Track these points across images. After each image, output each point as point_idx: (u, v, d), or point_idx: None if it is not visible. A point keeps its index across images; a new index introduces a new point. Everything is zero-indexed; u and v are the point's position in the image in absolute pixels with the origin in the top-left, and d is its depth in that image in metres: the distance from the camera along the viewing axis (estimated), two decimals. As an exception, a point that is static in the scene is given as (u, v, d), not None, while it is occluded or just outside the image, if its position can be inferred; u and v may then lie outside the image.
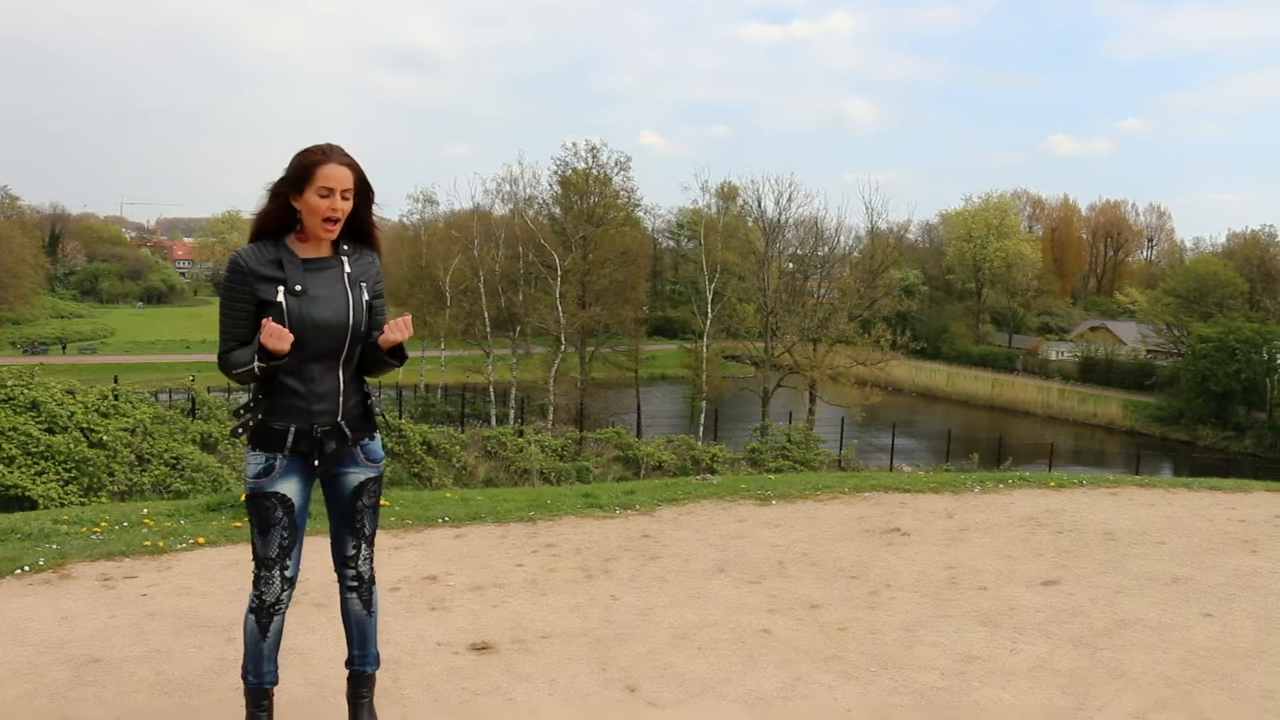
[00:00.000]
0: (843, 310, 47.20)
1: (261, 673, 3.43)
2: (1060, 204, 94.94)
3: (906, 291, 61.64)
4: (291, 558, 3.34)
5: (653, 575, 5.83)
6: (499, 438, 18.58)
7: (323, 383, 3.24)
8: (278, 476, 3.26)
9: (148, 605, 5.05)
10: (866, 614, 5.16)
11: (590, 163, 51.93)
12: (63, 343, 70.55)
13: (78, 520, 6.89)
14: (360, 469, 3.38)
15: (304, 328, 3.16)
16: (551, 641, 4.66)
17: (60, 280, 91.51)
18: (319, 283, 3.20)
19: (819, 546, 6.60)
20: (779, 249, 50.64)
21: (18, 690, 3.95)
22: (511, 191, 53.05)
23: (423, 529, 6.90)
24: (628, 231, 56.12)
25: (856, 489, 8.62)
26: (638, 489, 8.62)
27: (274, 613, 3.37)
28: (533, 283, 50.72)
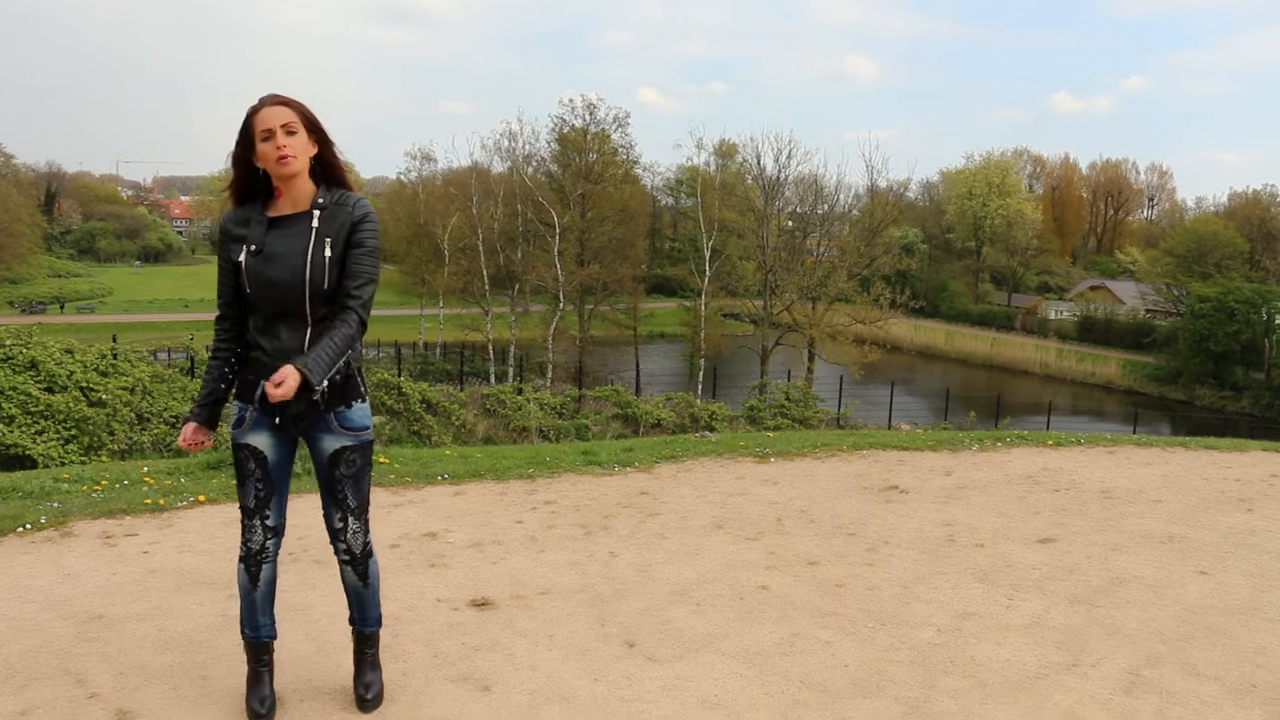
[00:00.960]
0: (842, 268, 47.08)
1: (257, 625, 3.45)
2: (1061, 163, 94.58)
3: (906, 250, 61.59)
4: (271, 508, 3.35)
5: (651, 532, 5.86)
6: (498, 395, 18.57)
7: (287, 340, 3.21)
8: (248, 428, 3.29)
9: (149, 562, 5.09)
10: (864, 571, 5.20)
11: (588, 120, 51.63)
12: (61, 302, 70.42)
13: (78, 478, 6.92)
14: (335, 436, 3.31)
15: (259, 285, 3.17)
16: (551, 597, 4.69)
17: (57, 239, 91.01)
18: (279, 240, 3.18)
19: (817, 504, 6.63)
20: (778, 207, 50.41)
21: (23, 646, 3.99)
22: (510, 148, 52.72)
23: (422, 486, 6.93)
24: (626, 189, 55.87)
25: (855, 447, 8.65)
26: (637, 446, 8.65)
27: (261, 560, 3.38)
28: (531, 240, 50.57)
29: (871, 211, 50.77)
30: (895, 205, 54.28)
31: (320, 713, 3.47)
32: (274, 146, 3.12)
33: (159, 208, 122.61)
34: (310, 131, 3.20)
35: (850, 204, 55.50)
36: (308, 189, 3.24)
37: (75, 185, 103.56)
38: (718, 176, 55.98)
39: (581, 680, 3.79)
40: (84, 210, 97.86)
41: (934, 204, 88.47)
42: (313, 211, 3.23)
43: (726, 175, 57.33)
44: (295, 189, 3.22)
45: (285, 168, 3.14)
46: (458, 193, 50.42)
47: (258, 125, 3.13)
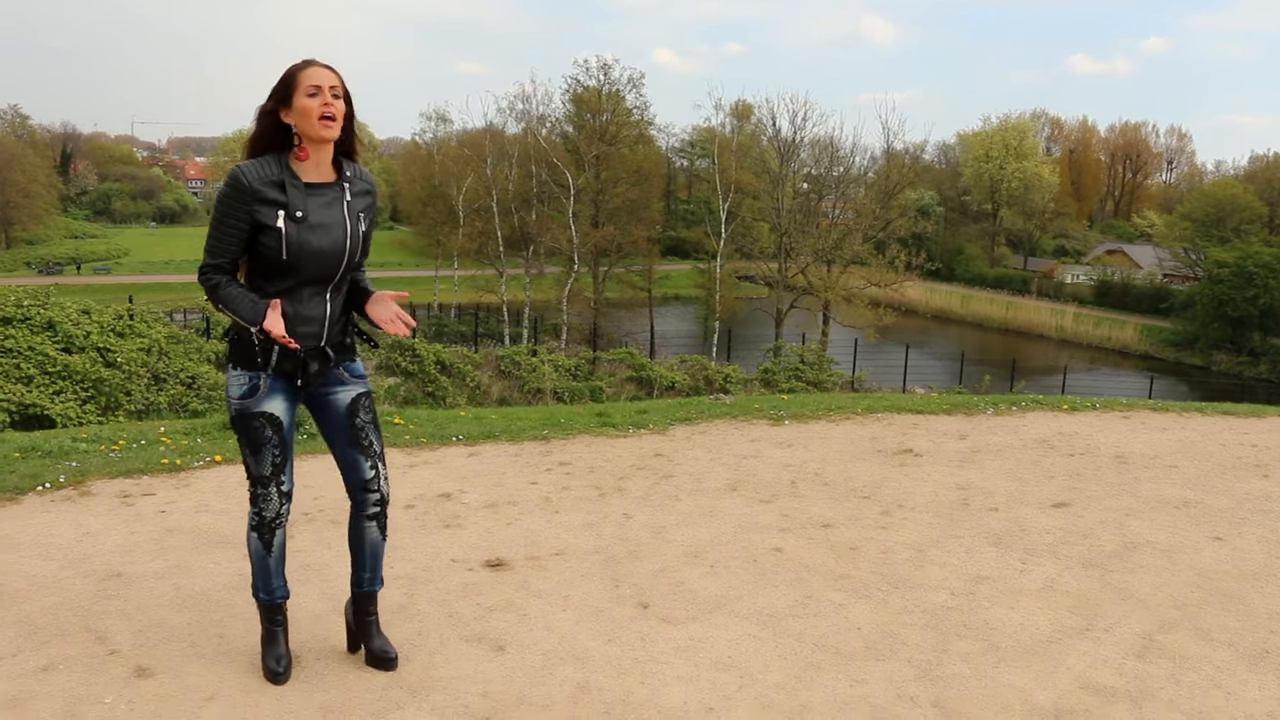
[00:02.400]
0: (857, 231, 46.83)
1: (272, 588, 3.48)
2: (1079, 125, 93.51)
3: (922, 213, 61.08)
4: (285, 473, 3.37)
5: (665, 494, 5.87)
6: (512, 357, 18.60)
7: (311, 307, 3.24)
8: (263, 396, 3.27)
9: (166, 522, 5.12)
10: (878, 534, 5.20)
11: (603, 80, 51.36)
12: (77, 263, 70.65)
13: (96, 438, 6.95)
14: (348, 387, 3.40)
15: (301, 255, 3.15)
16: (565, 558, 4.71)
17: (73, 200, 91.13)
18: (319, 209, 3.18)
19: (831, 466, 6.63)
20: (793, 169, 50.09)
21: (44, 603, 4.02)
22: (524, 110, 52.51)
23: (437, 447, 6.95)
24: (641, 150, 55.58)
25: (869, 410, 8.63)
26: (651, 408, 8.65)
27: (275, 527, 3.40)
28: (546, 202, 50.43)
29: (887, 174, 50.38)
30: (911, 168, 53.85)
31: (337, 671, 3.49)
32: (322, 103, 3.10)
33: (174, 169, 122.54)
34: (347, 103, 3.20)
35: (866, 166, 55.07)
36: (330, 158, 3.24)
37: (91, 146, 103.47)
38: (733, 138, 55.70)
39: (595, 641, 3.81)
40: (100, 171, 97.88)
41: (950, 167, 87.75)
42: (343, 183, 3.25)
43: (742, 137, 57.12)
44: (322, 155, 3.21)
45: (328, 129, 3.12)
46: (472, 154, 50.25)
47: (304, 79, 3.10)
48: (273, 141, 3.19)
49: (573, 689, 3.44)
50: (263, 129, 3.18)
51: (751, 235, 50.50)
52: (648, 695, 3.41)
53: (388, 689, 3.40)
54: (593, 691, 3.43)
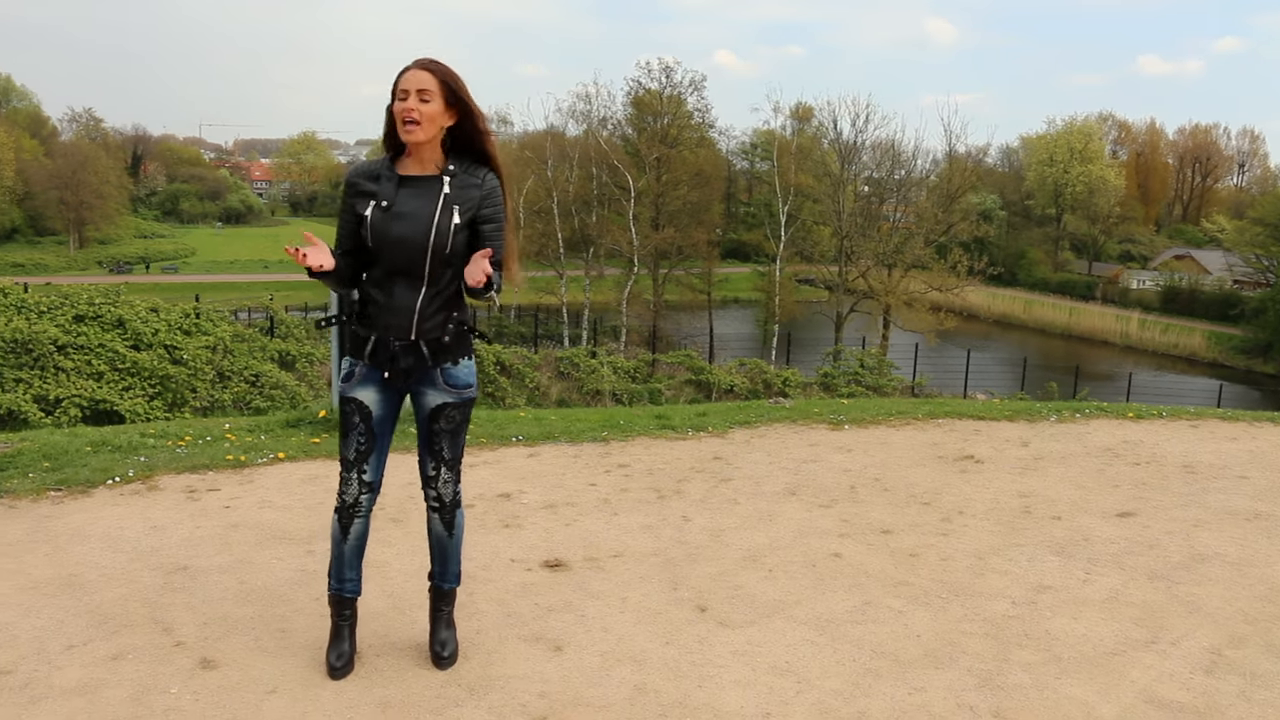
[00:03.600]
0: (919, 235, 46.40)
1: (343, 579, 3.51)
2: (1147, 128, 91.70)
3: (984, 216, 60.38)
4: (370, 464, 3.40)
5: (724, 497, 5.84)
6: (572, 359, 18.66)
7: (400, 298, 3.27)
8: (357, 383, 3.35)
9: (231, 517, 5.20)
10: (938, 540, 5.13)
11: (664, 83, 51.51)
12: (146, 262, 72.26)
13: (164, 434, 7.08)
14: (438, 392, 3.39)
15: (383, 242, 3.22)
16: (623, 560, 4.70)
17: (143, 201, 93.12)
18: (409, 199, 3.24)
19: (891, 472, 6.56)
20: (854, 172, 49.82)
21: (114, 594, 4.10)
22: (585, 112, 52.78)
23: (497, 447, 6.98)
24: (701, 153, 55.64)
25: (930, 415, 8.53)
26: (710, 411, 8.63)
27: (354, 514, 3.44)
28: (606, 204, 50.60)
29: (949, 177, 49.87)
30: (974, 171, 53.24)
31: (396, 667, 3.52)
32: (403, 108, 3.17)
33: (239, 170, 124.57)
34: (450, 104, 3.23)
35: (928, 170, 54.58)
36: (436, 155, 3.29)
37: (160, 148, 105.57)
38: (794, 141, 55.43)
39: (653, 643, 3.79)
40: (168, 173, 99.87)
41: (1013, 170, 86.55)
42: (443, 177, 3.28)
43: (802, 140, 56.76)
44: (423, 153, 3.27)
45: (407, 133, 3.19)
46: (533, 156, 50.52)
47: (399, 84, 3.20)
48: (394, 135, 3.28)
49: (630, 690, 3.43)
50: (386, 126, 3.30)
51: (812, 238, 50.25)
52: (705, 698, 3.39)
53: (446, 687, 3.41)
54: (650, 693, 3.42)
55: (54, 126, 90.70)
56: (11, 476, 5.69)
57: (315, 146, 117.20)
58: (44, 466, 5.94)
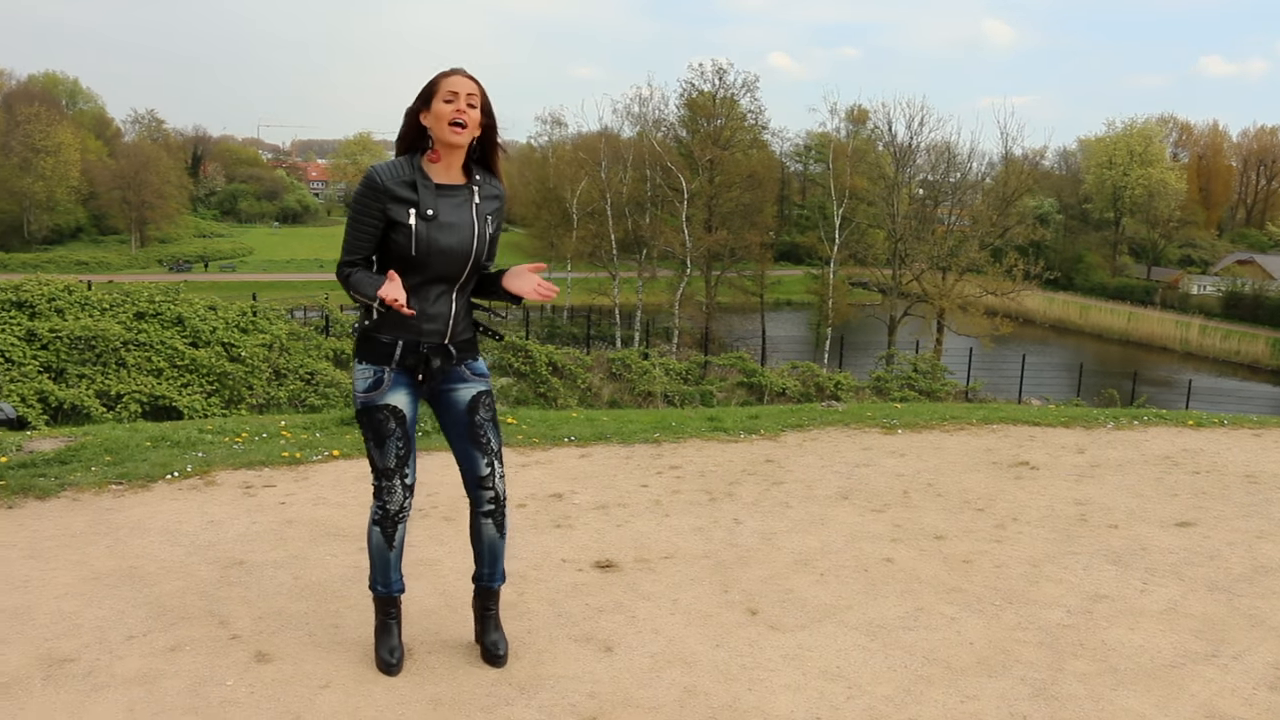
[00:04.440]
0: (974, 238, 45.96)
1: (390, 581, 3.54)
2: (1209, 130, 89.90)
3: (1041, 220, 59.67)
4: (409, 466, 3.43)
5: (776, 500, 5.82)
6: (624, 360, 18.66)
7: (437, 305, 3.31)
8: (387, 389, 3.35)
9: (286, 513, 5.27)
10: (992, 547, 5.07)
11: (717, 85, 51.35)
12: (204, 261, 73.48)
13: (221, 430, 7.20)
14: (469, 384, 3.44)
15: (430, 252, 3.23)
16: (674, 562, 4.70)
17: (202, 201, 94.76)
18: (449, 209, 3.26)
19: (945, 477, 6.49)
20: (909, 174, 49.48)
21: (173, 586, 4.17)
22: (639, 113, 52.96)
23: (549, 448, 7.01)
24: (755, 155, 55.49)
25: (984, 420, 8.43)
26: (762, 414, 8.59)
27: (398, 520, 3.47)
28: (659, 205, 50.65)
29: (1005, 180, 49.32)
30: (1030, 174, 52.59)
31: (448, 665, 3.54)
32: (454, 110, 3.19)
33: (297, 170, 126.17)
34: (484, 114, 3.28)
35: (984, 172, 54.11)
36: (461, 163, 3.32)
37: (219, 149, 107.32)
38: (848, 143, 55.11)
39: (703, 645, 3.78)
40: (227, 173, 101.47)
41: (1071, 173, 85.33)
42: (472, 186, 3.32)
43: (857, 142, 56.46)
44: (453, 159, 3.29)
45: (456, 134, 3.20)
46: (587, 157, 50.72)
47: (444, 86, 3.21)
48: (413, 141, 3.31)
49: (680, 692, 3.42)
50: (405, 128, 3.31)
51: (865, 241, 49.97)
52: (755, 702, 3.38)
53: (497, 685, 3.43)
54: (699, 696, 3.41)
55: (118, 128, 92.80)
56: (75, 470, 5.81)
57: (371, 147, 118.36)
58: (105, 461, 6.06)
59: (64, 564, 4.39)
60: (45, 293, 12.32)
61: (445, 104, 3.20)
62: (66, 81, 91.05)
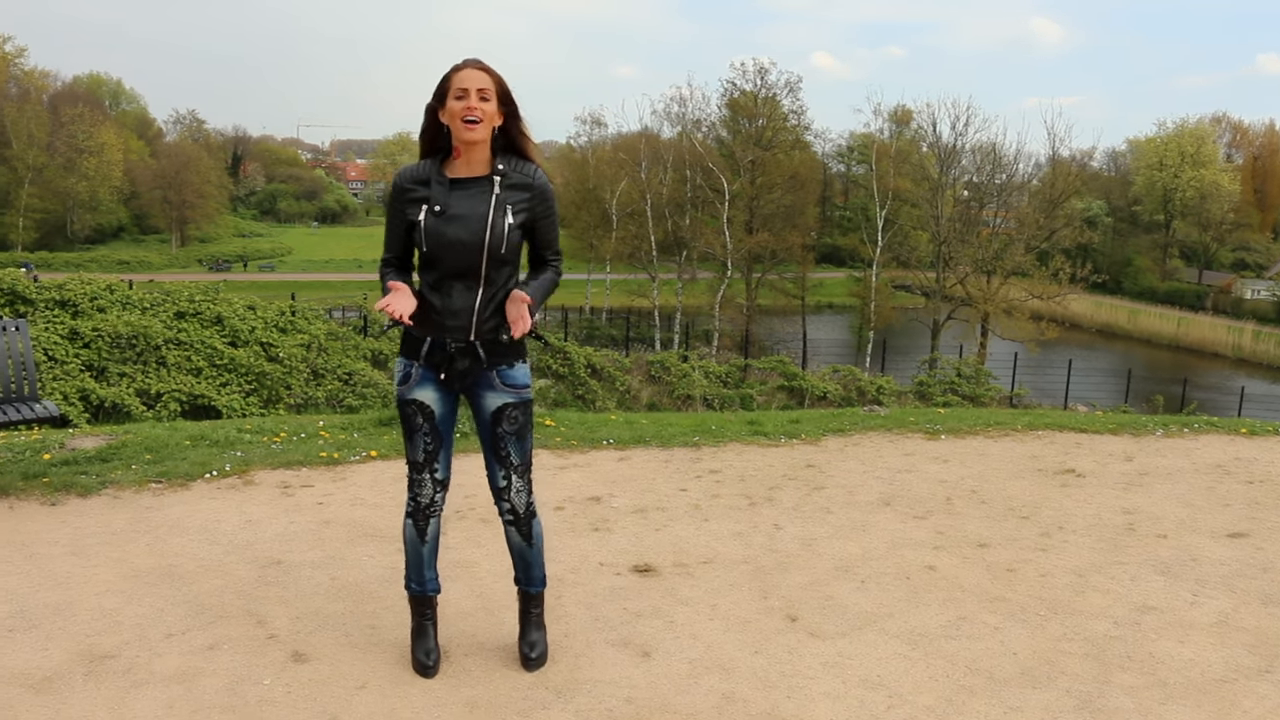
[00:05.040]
0: (1019, 241, 45.54)
1: (424, 579, 3.56)
2: (1265, 130, 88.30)
3: (1088, 222, 59.01)
4: (439, 461, 3.44)
5: (817, 505, 5.79)
6: (663, 362, 18.69)
7: (458, 300, 3.28)
8: (414, 384, 3.37)
9: (323, 513, 5.31)
10: (1036, 556, 5.01)
11: (759, 84, 51.24)
12: (244, 261, 74.39)
13: (259, 430, 7.28)
14: (497, 393, 3.38)
15: (439, 246, 3.23)
16: (713, 567, 4.69)
17: (242, 200, 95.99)
18: (461, 202, 3.25)
19: (988, 484, 6.43)
20: (954, 176, 49.13)
21: (211, 585, 4.22)
22: (680, 113, 52.85)
23: (587, 450, 7.02)
24: (797, 155, 55.23)
25: (1029, 427, 8.35)
26: (803, 418, 8.56)
27: (429, 514, 3.48)
28: (699, 207, 50.57)
29: (1052, 182, 48.84)
30: (1078, 175, 52.06)
31: (484, 668, 3.55)
32: (464, 106, 3.18)
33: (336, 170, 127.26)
34: (502, 103, 3.26)
35: (1030, 174, 53.59)
36: (484, 155, 3.30)
37: (259, 149, 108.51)
38: (892, 144, 54.77)
39: (742, 651, 3.77)
40: (266, 173, 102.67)
41: (1120, 174, 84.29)
42: (493, 177, 3.29)
43: (901, 143, 56.07)
44: (474, 153, 3.28)
45: (470, 132, 3.20)
46: (626, 158, 50.79)
47: (454, 83, 3.21)
48: (434, 137, 3.32)
49: (718, 699, 3.42)
50: (425, 125, 3.33)
51: (909, 244, 49.65)
52: (794, 710, 3.36)
53: (533, 689, 3.44)
54: (738, 703, 3.40)
55: (159, 128, 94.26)
56: (116, 468, 5.89)
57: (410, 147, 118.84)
58: (146, 459, 6.15)
59: (105, 561, 4.46)
60: (88, 292, 12.53)
61: (456, 101, 3.20)
62: (110, 82, 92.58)
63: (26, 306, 11.85)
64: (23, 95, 73.30)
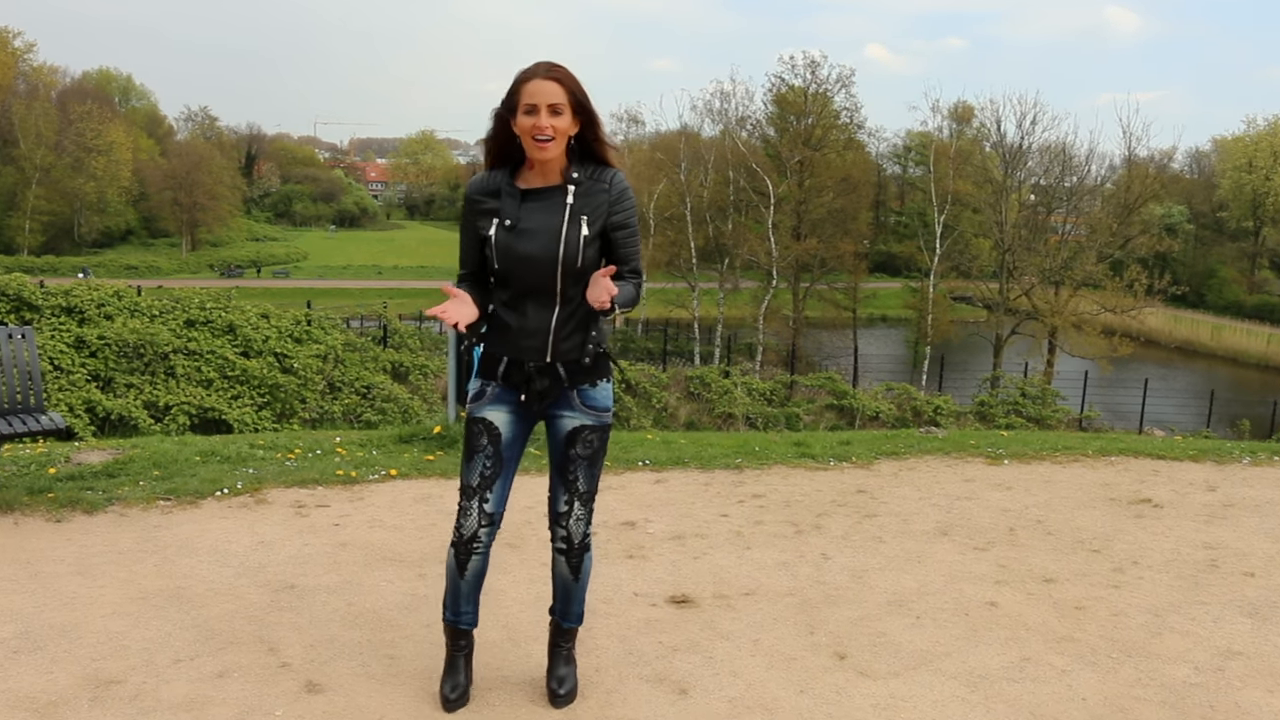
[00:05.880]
0: (1091, 249, 45.13)
1: (459, 611, 3.56)
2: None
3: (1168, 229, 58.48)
4: (493, 491, 3.40)
5: (868, 534, 5.78)
6: (703, 378, 18.70)
7: (534, 318, 3.28)
8: (487, 403, 3.38)
9: (340, 535, 5.37)
10: (1108, 593, 4.97)
11: (809, 79, 51.07)
12: (257, 266, 75.17)
13: (273, 445, 7.37)
14: (575, 414, 3.39)
15: (511, 261, 3.24)
16: (756, 599, 4.69)
17: (256, 202, 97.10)
18: (533, 215, 3.25)
19: (1056, 513, 6.39)
20: (1019, 178, 48.81)
21: (220, 610, 4.28)
22: (722, 110, 52.77)
23: (621, 471, 7.04)
24: (849, 156, 55.09)
25: (1101, 452, 8.29)
26: (854, 440, 8.55)
27: (471, 550, 3.44)
28: (743, 211, 50.55)
29: (1128, 185, 48.39)
30: (1156, 178, 51.53)
31: (509, 703, 3.57)
32: (533, 125, 3.15)
33: (355, 170, 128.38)
34: (576, 112, 3.23)
35: (1103, 176, 53.15)
36: (560, 163, 3.28)
37: (274, 147, 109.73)
38: (952, 144, 54.49)
39: (786, 691, 3.77)
40: (282, 173, 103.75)
41: (1204, 177, 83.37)
42: (567, 186, 3.28)
43: (962, 143, 55.73)
44: (548, 165, 3.28)
45: (542, 151, 3.19)
46: (665, 158, 50.77)
47: (524, 96, 3.18)
48: (502, 145, 3.31)
49: (760, 742, 3.41)
50: (493, 133, 3.31)
51: (969, 252, 49.33)
52: (842, 755, 3.36)
53: (562, 726, 3.45)
54: (781, 746, 3.39)
55: (170, 125, 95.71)
56: (123, 484, 5.99)
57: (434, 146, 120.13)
58: (154, 475, 6.24)
59: (111, 582, 4.53)
60: (95, 298, 12.71)
61: (526, 117, 3.17)
62: (120, 78, 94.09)
63: (32, 313, 12.04)
64: (31, 92, 74.57)
